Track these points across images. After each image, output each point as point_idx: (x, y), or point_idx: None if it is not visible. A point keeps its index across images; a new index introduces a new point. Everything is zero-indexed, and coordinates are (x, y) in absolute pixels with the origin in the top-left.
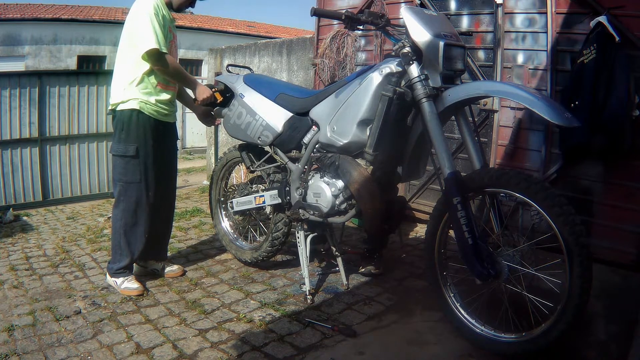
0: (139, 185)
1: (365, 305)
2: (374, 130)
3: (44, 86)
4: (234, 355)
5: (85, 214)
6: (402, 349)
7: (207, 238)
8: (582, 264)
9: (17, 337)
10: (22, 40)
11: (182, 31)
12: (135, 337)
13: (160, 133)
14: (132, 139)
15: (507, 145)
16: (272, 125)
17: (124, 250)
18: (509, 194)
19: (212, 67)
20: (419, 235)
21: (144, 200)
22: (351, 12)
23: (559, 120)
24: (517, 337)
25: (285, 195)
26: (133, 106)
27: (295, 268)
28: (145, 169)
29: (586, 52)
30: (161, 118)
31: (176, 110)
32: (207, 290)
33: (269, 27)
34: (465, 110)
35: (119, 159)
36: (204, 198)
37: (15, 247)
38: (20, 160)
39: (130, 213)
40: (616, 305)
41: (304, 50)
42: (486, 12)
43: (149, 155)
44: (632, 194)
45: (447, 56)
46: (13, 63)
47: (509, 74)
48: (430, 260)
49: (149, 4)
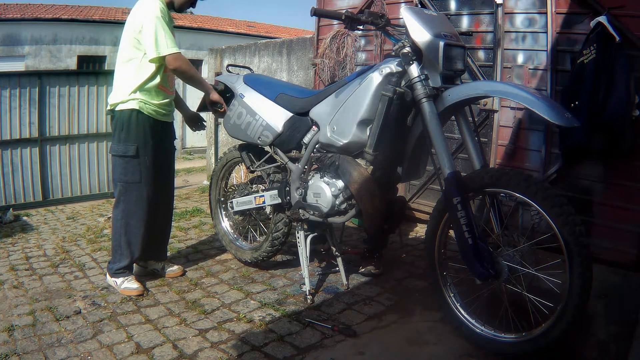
0: (139, 185)
1: (365, 305)
2: (374, 130)
3: (44, 86)
4: (234, 355)
5: (85, 214)
6: (402, 349)
7: (207, 238)
8: (582, 264)
9: (17, 337)
10: (22, 40)
11: (182, 31)
12: (135, 337)
13: (159, 133)
14: (132, 139)
15: (507, 145)
16: (272, 125)
17: (124, 251)
18: (509, 194)
19: (212, 67)
20: (419, 235)
21: (144, 200)
22: (351, 12)
23: (559, 120)
24: (517, 337)
25: (285, 195)
26: (133, 106)
27: (295, 268)
28: (145, 169)
29: (586, 52)
30: (160, 118)
31: (174, 110)
32: (207, 290)
33: (269, 27)
34: (465, 110)
35: (119, 159)
36: (204, 198)
37: (15, 247)
38: (20, 160)
39: (130, 213)
40: (616, 306)
41: (304, 50)
42: (486, 12)
43: (149, 155)
44: (632, 194)
45: (447, 56)
46: (13, 63)
47: (509, 74)
48: (430, 260)
49: (154, 7)
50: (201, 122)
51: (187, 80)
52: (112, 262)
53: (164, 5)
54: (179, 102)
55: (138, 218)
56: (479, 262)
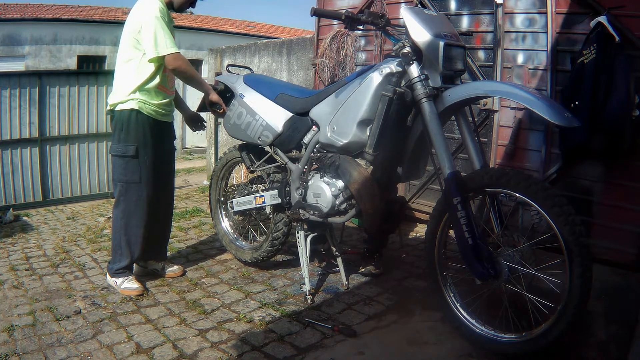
0: (139, 185)
1: (365, 305)
2: (374, 130)
3: (44, 86)
4: (234, 355)
5: (85, 214)
6: (402, 349)
7: (207, 238)
8: (582, 264)
9: (17, 337)
10: (22, 40)
11: (182, 31)
12: (136, 337)
13: (159, 133)
14: (132, 139)
15: (507, 145)
16: (272, 125)
17: (124, 251)
18: (509, 194)
19: (212, 67)
20: (419, 235)
21: (144, 201)
22: (351, 12)
23: (559, 120)
24: (517, 337)
25: (285, 195)
26: (132, 106)
27: (295, 268)
28: (145, 169)
29: (586, 52)
30: (160, 118)
31: (174, 110)
32: (207, 290)
33: (269, 27)
34: (465, 110)
35: (119, 159)
36: (204, 198)
37: (15, 247)
38: (20, 160)
39: (130, 213)
40: (616, 306)
41: (304, 50)
42: (486, 12)
43: (149, 155)
44: (632, 194)
45: (447, 56)
46: (13, 63)
47: (509, 74)
48: (430, 260)
49: (154, 7)
50: (201, 122)
51: (186, 80)
52: (112, 262)
53: (164, 5)
54: (178, 101)
55: (138, 218)
56: (479, 262)
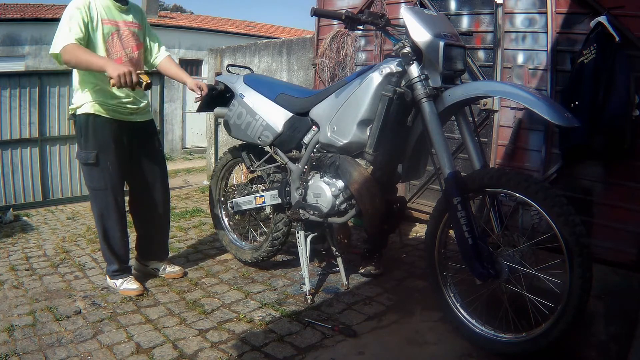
0: (104, 192)
1: (365, 305)
2: (374, 130)
3: (44, 86)
4: (234, 355)
5: (85, 214)
6: (402, 349)
7: (207, 238)
8: (583, 264)
9: (17, 337)
10: (22, 40)
11: (182, 31)
12: (136, 337)
13: (128, 135)
14: (91, 146)
15: (507, 145)
16: (272, 125)
17: (109, 255)
18: (509, 194)
19: (212, 67)
20: (419, 235)
21: (112, 207)
22: (351, 12)
23: (559, 120)
24: (517, 337)
25: (285, 195)
26: (87, 110)
27: (295, 268)
28: (109, 176)
29: (586, 52)
30: (126, 118)
31: (149, 107)
32: (207, 290)
33: (269, 27)
34: (465, 110)
35: (83, 166)
36: (204, 198)
37: (15, 247)
38: (20, 160)
39: (104, 218)
40: (616, 305)
41: (304, 50)
42: (486, 12)
43: (113, 161)
44: (632, 194)
45: (447, 56)
46: (13, 63)
47: (509, 74)
48: (430, 260)
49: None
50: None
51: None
52: (107, 265)
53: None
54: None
55: (112, 222)
56: (479, 262)
